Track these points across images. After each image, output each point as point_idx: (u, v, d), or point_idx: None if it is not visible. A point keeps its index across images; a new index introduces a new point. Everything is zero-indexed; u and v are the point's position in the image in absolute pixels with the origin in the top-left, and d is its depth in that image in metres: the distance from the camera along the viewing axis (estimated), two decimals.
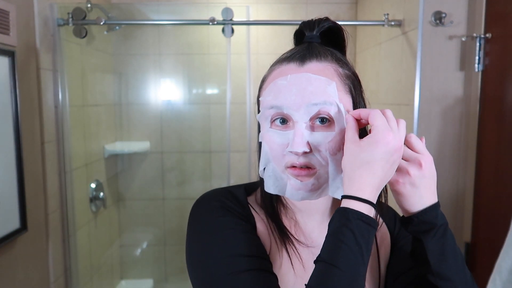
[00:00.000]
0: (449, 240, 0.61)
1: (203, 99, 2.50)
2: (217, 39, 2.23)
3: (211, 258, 0.60)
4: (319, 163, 0.60)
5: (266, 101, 0.63)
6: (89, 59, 2.11)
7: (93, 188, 2.11)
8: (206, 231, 0.64)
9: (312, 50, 0.63)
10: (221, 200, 0.67)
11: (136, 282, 2.51)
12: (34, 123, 1.53)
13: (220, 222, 0.64)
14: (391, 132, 0.55)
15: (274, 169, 0.63)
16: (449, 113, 1.60)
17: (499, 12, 1.44)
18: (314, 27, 0.66)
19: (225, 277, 0.58)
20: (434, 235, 0.60)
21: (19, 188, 1.39)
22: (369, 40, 2.17)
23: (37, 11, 1.54)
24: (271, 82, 0.63)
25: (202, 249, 0.62)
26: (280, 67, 0.64)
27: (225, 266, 0.59)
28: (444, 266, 0.60)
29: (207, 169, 2.48)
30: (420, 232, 0.61)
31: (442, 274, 0.60)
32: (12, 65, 1.35)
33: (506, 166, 1.39)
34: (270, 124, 0.63)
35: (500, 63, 1.43)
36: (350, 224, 0.53)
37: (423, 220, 0.60)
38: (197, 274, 0.62)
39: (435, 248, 0.60)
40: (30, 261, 1.50)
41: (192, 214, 0.68)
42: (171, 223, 2.52)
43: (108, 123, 2.35)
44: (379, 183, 0.55)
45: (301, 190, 0.61)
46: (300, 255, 0.67)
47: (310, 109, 0.59)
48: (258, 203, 0.71)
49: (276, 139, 0.61)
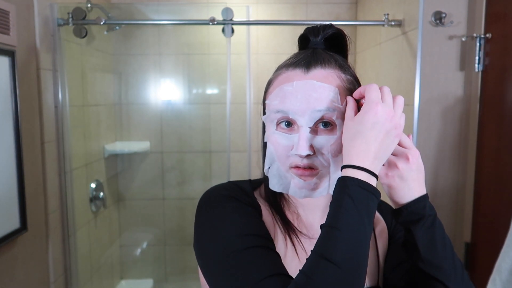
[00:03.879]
0: (438, 229, 0.64)
1: (203, 99, 2.50)
2: (217, 39, 2.23)
3: (219, 239, 0.63)
4: (321, 164, 0.64)
5: (272, 105, 0.66)
6: (89, 59, 2.11)
7: (93, 188, 2.11)
8: (214, 216, 0.66)
9: (316, 57, 0.66)
10: (228, 190, 0.71)
11: (136, 282, 2.51)
12: (34, 123, 1.53)
13: (228, 207, 0.67)
14: (379, 104, 0.59)
15: (279, 168, 0.67)
16: (449, 113, 1.60)
17: (499, 12, 1.44)
18: (319, 33, 0.69)
19: (234, 253, 0.60)
20: (423, 225, 0.63)
21: (19, 188, 1.39)
22: (369, 40, 2.17)
23: (37, 11, 1.54)
24: (277, 87, 0.67)
25: (211, 232, 0.65)
26: (286, 72, 0.67)
27: (233, 244, 0.61)
28: (434, 254, 0.63)
29: (207, 169, 2.48)
30: (410, 222, 0.64)
31: (432, 261, 0.63)
32: (12, 65, 1.35)
33: (506, 166, 1.39)
34: (276, 127, 0.66)
35: (500, 63, 1.43)
36: (347, 190, 0.56)
37: (412, 211, 0.63)
38: (206, 256, 0.64)
39: (424, 237, 0.63)
40: (30, 261, 1.50)
41: (200, 203, 0.71)
42: (171, 223, 2.52)
43: (108, 123, 2.36)
44: (375, 153, 0.58)
45: (304, 189, 0.65)
46: (303, 245, 0.71)
47: (314, 115, 0.62)
48: (263, 197, 0.75)
49: (281, 141, 0.65)
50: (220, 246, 0.62)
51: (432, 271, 0.63)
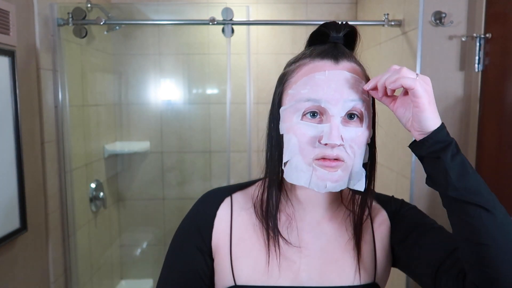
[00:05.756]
0: (463, 155, 0.61)
1: (203, 99, 2.50)
2: (217, 39, 2.23)
3: (164, 268, 0.78)
4: (348, 156, 0.64)
5: (300, 94, 0.65)
6: (89, 59, 2.11)
7: (93, 188, 2.11)
8: (172, 241, 0.78)
9: (343, 51, 0.68)
10: (190, 218, 0.78)
11: (136, 282, 2.51)
12: (34, 123, 1.53)
13: (176, 242, 0.77)
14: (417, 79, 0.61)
15: (299, 162, 0.65)
16: (449, 113, 1.60)
17: (499, 12, 1.44)
18: (341, 30, 0.71)
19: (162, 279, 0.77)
20: (452, 151, 0.60)
21: (19, 188, 1.39)
22: (369, 40, 2.17)
23: (37, 11, 1.54)
24: (303, 76, 0.66)
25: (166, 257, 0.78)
26: (313, 62, 0.67)
27: (163, 276, 0.78)
28: (468, 179, 0.59)
29: (207, 169, 2.48)
30: (438, 151, 0.60)
31: (467, 187, 0.59)
32: (12, 65, 1.35)
33: (506, 166, 1.39)
34: (301, 117, 0.65)
35: (500, 63, 1.43)
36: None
37: (438, 139, 0.60)
38: None
39: (455, 163, 0.59)
40: (30, 261, 1.50)
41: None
42: (171, 223, 2.52)
43: (108, 123, 2.35)
44: None
45: (328, 181, 0.64)
46: (285, 252, 0.72)
47: (347, 104, 0.63)
48: (253, 199, 0.76)
49: (308, 132, 0.64)
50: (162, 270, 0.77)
51: (469, 197, 0.58)
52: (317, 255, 0.73)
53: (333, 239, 0.74)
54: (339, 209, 0.76)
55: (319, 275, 0.71)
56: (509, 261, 0.56)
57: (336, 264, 0.72)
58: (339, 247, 0.73)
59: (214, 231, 0.74)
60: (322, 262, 0.72)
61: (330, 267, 0.72)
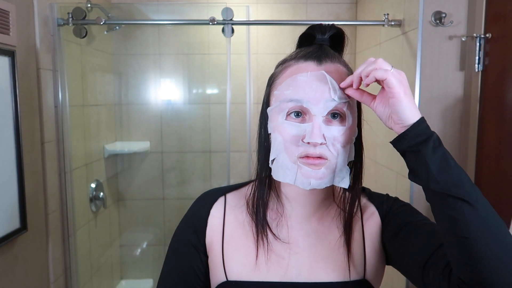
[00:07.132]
0: (446, 149, 0.61)
1: (203, 99, 2.50)
2: (217, 39, 2.23)
3: (163, 267, 0.81)
4: (331, 154, 0.66)
5: (284, 94, 0.68)
6: (89, 59, 2.11)
7: (93, 188, 2.11)
8: (169, 245, 0.82)
9: (326, 52, 0.70)
10: (185, 221, 0.82)
11: (136, 282, 2.51)
12: (34, 123, 1.53)
13: (173, 246, 0.81)
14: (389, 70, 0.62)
15: (285, 160, 0.68)
16: (449, 113, 1.60)
17: (499, 12, 1.44)
18: (326, 32, 0.73)
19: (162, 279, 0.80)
20: (433, 143, 0.60)
21: (19, 188, 1.39)
22: (369, 40, 2.17)
23: (37, 11, 1.54)
24: (287, 78, 0.69)
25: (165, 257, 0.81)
26: (297, 64, 0.70)
27: (163, 276, 0.80)
28: (449, 172, 0.59)
29: (207, 169, 2.48)
30: (418, 144, 0.60)
31: (449, 180, 0.58)
32: (12, 65, 1.35)
33: (506, 166, 1.39)
34: (285, 117, 0.68)
35: (500, 63, 1.43)
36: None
37: (418, 133, 0.61)
38: None
39: (436, 156, 0.59)
40: (30, 261, 1.50)
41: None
42: (171, 223, 2.52)
43: (108, 123, 2.35)
44: None
45: (312, 178, 0.66)
46: (274, 248, 0.74)
47: (328, 104, 0.65)
48: (246, 197, 0.79)
49: (291, 131, 0.67)
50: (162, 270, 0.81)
51: (451, 190, 0.57)
52: (306, 252, 0.74)
53: (323, 237, 0.76)
54: (330, 207, 0.78)
55: (308, 271, 0.73)
56: (491, 253, 0.56)
57: (325, 261, 0.74)
58: (329, 244, 0.75)
59: (208, 229, 0.77)
60: (312, 259, 0.74)
61: (319, 263, 0.74)
